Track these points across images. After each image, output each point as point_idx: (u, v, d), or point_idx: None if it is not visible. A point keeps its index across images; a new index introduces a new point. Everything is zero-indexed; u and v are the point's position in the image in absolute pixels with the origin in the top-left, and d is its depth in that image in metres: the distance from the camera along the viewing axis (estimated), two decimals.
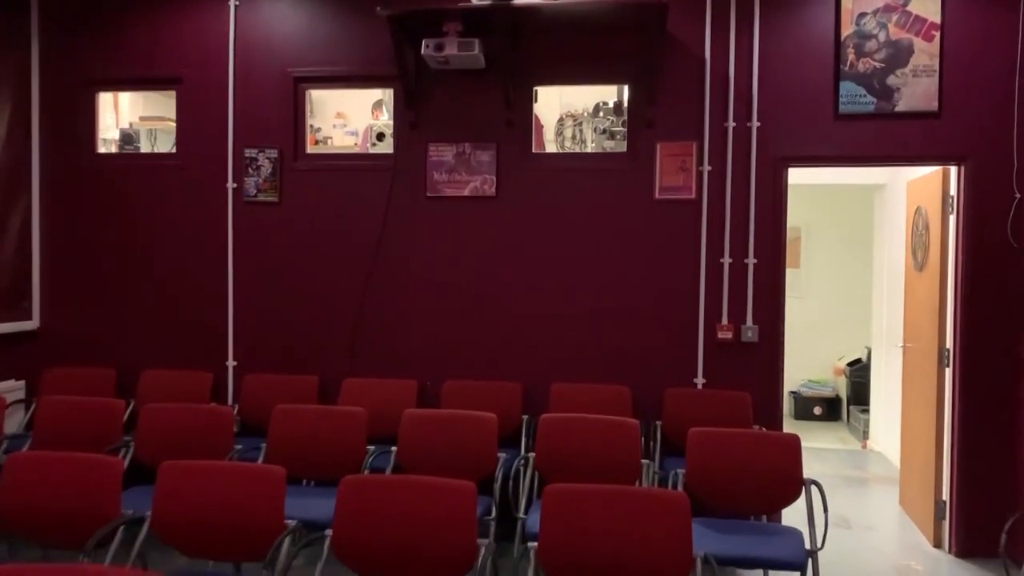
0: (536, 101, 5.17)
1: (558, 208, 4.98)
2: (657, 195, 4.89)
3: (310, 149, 5.34)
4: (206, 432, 4.17)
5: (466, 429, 4.12)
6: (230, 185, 5.28)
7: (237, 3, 5.26)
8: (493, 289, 5.04)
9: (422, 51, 4.64)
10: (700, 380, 4.86)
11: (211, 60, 5.28)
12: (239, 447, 4.22)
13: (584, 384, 4.89)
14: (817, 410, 8.71)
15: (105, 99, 5.86)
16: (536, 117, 6.68)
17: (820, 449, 7.45)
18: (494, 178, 5.02)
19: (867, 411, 7.78)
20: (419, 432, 4.14)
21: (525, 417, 4.90)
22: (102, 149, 5.61)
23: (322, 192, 5.20)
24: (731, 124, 4.81)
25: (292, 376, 5.19)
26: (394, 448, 4.16)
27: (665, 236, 4.88)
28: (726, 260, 4.83)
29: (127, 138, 5.60)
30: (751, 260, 4.81)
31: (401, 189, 5.12)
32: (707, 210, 4.84)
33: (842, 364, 8.67)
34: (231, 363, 5.30)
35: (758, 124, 4.80)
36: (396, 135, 5.16)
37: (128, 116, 6.19)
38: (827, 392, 8.78)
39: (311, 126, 5.94)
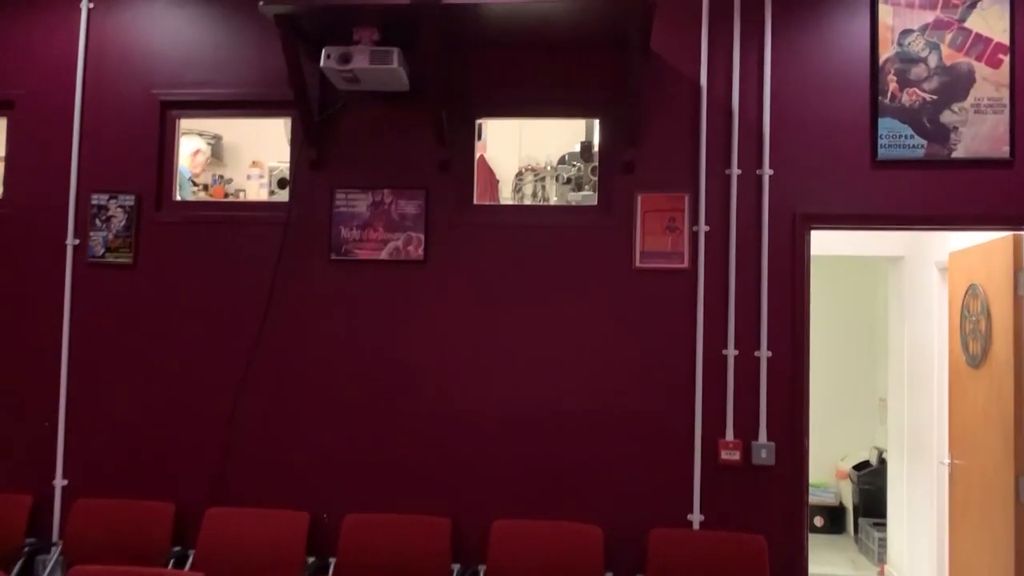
0: (480, 138, 3.96)
1: (506, 278, 3.72)
2: (638, 262, 3.65)
3: (180, 195, 4.05)
4: None
5: None
6: (70, 242, 3.95)
7: (91, 5, 4.02)
8: (417, 385, 3.73)
9: (322, 63, 3.41)
10: (697, 517, 3.55)
11: (54, 78, 4.01)
12: None
13: (539, 521, 3.54)
14: (818, 520, 7.39)
15: None
16: (489, 168, 5.50)
17: (829, 575, 6.11)
18: (422, 236, 3.76)
19: (882, 527, 6.47)
20: None
21: (455, 568, 3.53)
22: None
23: (192, 252, 3.89)
24: (735, 171, 3.63)
25: (139, 501, 3.78)
26: None
27: (648, 318, 3.63)
28: (730, 352, 3.58)
29: None
30: (764, 352, 3.56)
31: (297, 249, 3.84)
32: (704, 284, 3.62)
33: (846, 466, 7.39)
34: (59, 482, 3.88)
35: (771, 172, 3.62)
36: (293, 178, 3.90)
37: None
38: (829, 499, 7.47)
39: (220, 176, 4.71)
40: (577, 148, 4.21)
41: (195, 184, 4.99)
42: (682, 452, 3.58)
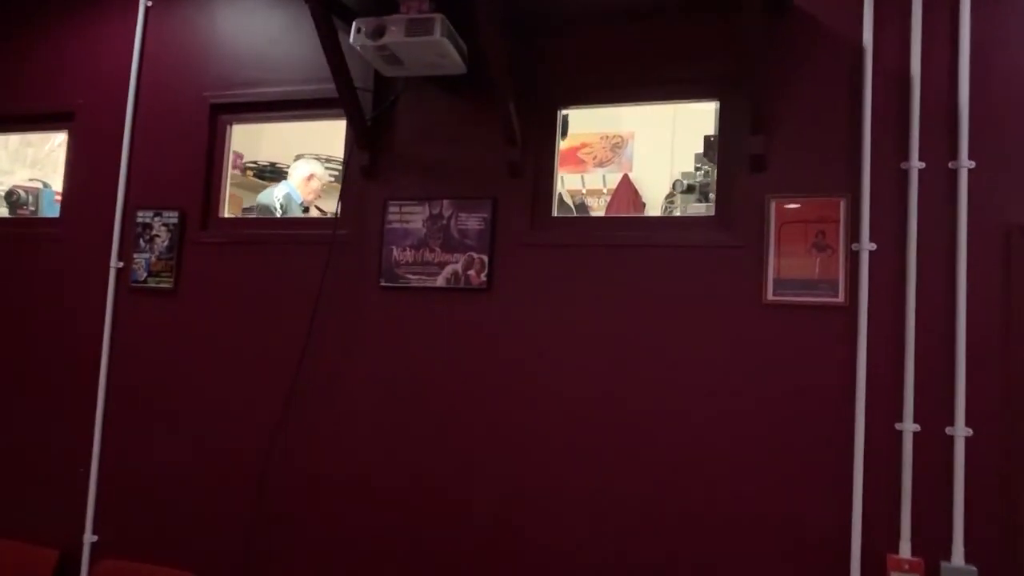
0: (565, 135, 3.11)
1: (589, 314, 2.82)
2: (770, 294, 2.63)
3: (228, 212, 3.53)
4: None
5: None
6: (113, 264, 3.52)
7: (149, 3, 3.63)
8: (474, 455, 2.90)
9: (351, 39, 2.73)
10: None
11: (110, 85, 3.64)
12: None
13: None
14: None
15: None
16: (634, 189, 4.67)
17: None
18: (485, 258, 2.95)
19: None
20: None
21: None
22: None
23: (235, 277, 3.32)
24: (915, 165, 2.53)
25: (164, 568, 3.23)
26: None
27: (784, 374, 2.59)
28: (907, 427, 2.45)
29: (15, 199, 4.03)
30: (960, 430, 2.40)
31: (343, 274, 3.15)
32: (868, 327, 2.53)
33: None
34: (89, 537, 3.41)
35: (971, 165, 2.48)
36: (344, 188, 3.24)
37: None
38: None
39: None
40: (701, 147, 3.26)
41: (305, 212, 4.52)
42: (833, 569, 2.48)
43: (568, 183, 5.34)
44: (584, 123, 5.21)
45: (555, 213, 2.97)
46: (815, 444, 2.53)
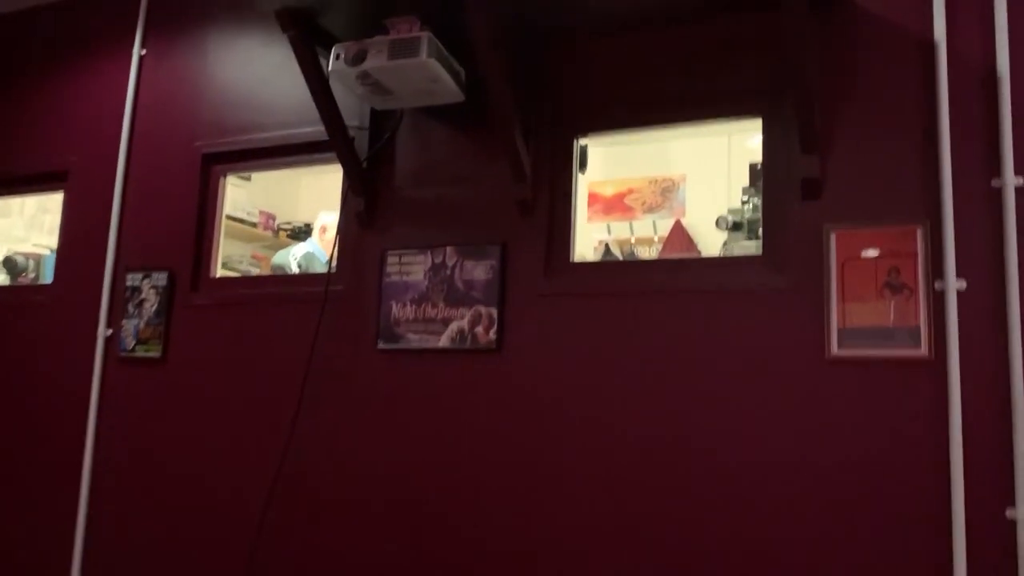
0: (584, 168, 2.70)
1: (617, 376, 2.36)
2: (834, 348, 2.13)
3: (220, 272, 3.21)
4: None
5: None
6: (101, 333, 3.23)
7: (143, 52, 3.41)
8: (482, 539, 2.45)
9: (330, 66, 2.40)
10: None
11: (104, 140, 3.40)
12: None
13: None
14: None
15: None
16: (687, 236, 4.29)
17: None
18: (494, 312, 2.54)
19: None
20: None
21: None
22: None
23: (228, 342, 2.98)
24: (1010, 181, 2.03)
25: None
26: None
27: (854, 448, 2.07)
28: (1022, 515, 1.91)
29: (12, 266, 3.81)
30: None
31: (338, 334, 2.78)
32: (963, 386, 2.01)
33: None
34: None
35: None
36: (341, 239, 2.89)
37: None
38: None
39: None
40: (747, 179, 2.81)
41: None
42: None
43: (616, 231, 4.96)
44: (629, 166, 4.84)
45: (574, 258, 2.55)
46: (898, 534, 2.00)
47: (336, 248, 2.84)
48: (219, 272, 3.17)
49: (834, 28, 2.25)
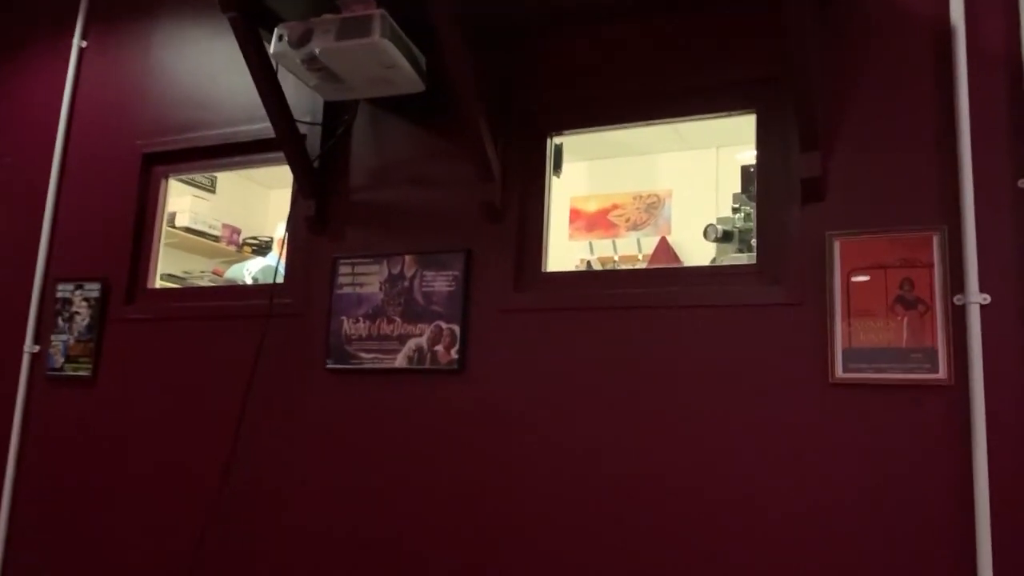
0: (559, 170, 2.43)
1: (595, 399, 2.09)
2: (839, 370, 1.87)
3: (160, 283, 2.91)
4: None
5: None
6: (27, 349, 2.93)
7: (84, 44, 3.13)
8: (448, 566, 2.16)
9: (272, 50, 2.14)
10: None
11: (39, 139, 3.12)
12: None
13: None
14: None
15: None
16: (673, 254, 4.12)
17: None
18: (456, 329, 2.26)
19: None
20: None
21: None
22: None
23: (165, 360, 2.68)
24: None
25: None
26: None
27: (862, 484, 1.81)
28: None
29: None
30: None
31: (285, 352, 2.49)
32: (988, 414, 1.75)
33: None
34: None
35: None
36: (289, 247, 2.61)
37: None
38: None
39: None
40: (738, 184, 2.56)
41: None
42: None
43: (599, 250, 4.74)
44: (614, 180, 4.63)
45: (546, 268, 2.29)
46: None
47: (283, 257, 2.57)
48: (158, 283, 2.88)
49: (838, 10, 2.01)
